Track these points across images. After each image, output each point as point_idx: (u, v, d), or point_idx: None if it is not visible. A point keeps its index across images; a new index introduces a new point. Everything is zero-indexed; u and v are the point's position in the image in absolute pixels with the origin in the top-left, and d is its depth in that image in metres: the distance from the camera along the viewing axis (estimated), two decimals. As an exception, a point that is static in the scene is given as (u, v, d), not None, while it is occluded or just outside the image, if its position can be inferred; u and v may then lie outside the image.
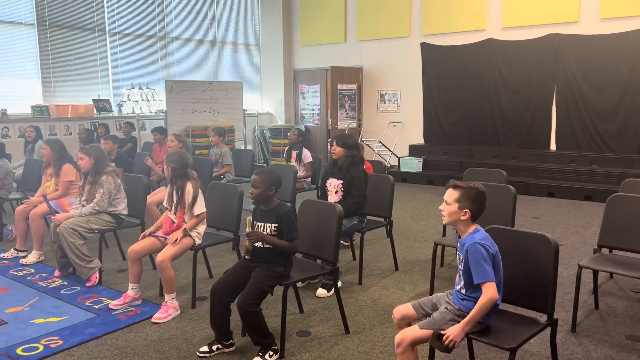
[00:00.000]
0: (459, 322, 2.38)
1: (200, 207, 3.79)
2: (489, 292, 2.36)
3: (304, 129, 11.49)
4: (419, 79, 10.37)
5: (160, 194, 5.55)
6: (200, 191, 3.80)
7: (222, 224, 4.24)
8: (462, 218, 2.47)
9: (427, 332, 2.38)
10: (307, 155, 6.43)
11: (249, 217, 3.16)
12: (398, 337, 2.43)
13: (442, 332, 2.36)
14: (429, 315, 2.60)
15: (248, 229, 3.10)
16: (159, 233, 3.84)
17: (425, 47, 10.19)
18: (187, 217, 3.79)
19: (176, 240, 3.67)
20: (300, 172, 6.34)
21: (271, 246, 3.12)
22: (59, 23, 8.93)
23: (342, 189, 4.27)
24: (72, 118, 8.82)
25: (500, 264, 2.45)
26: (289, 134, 6.74)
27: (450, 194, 2.51)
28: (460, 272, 2.52)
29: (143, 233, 3.84)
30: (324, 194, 4.45)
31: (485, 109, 9.58)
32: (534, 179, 8.44)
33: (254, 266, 3.14)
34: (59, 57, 8.98)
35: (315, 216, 3.50)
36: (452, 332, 2.34)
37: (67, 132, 8.78)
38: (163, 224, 3.87)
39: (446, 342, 2.31)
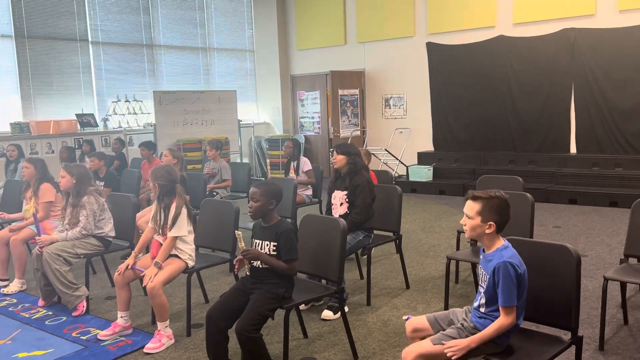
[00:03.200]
0: None
1: (177, 230, 3.72)
2: (511, 316, 2.38)
3: (303, 139, 11.53)
4: (425, 81, 10.41)
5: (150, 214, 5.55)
6: (184, 210, 3.76)
7: (217, 244, 4.24)
8: (487, 232, 2.46)
9: (438, 348, 2.38)
10: (305, 163, 6.48)
11: (238, 231, 3.16)
12: (404, 352, 2.44)
13: (444, 341, 2.37)
14: (444, 330, 2.60)
15: (241, 245, 3.10)
16: (142, 262, 3.81)
17: (431, 46, 10.24)
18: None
19: (151, 277, 3.57)
20: (301, 178, 6.36)
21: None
22: (38, 34, 9.02)
23: (347, 200, 4.28)
24: (55, 135, 8.87)
25: (526, 284, 2.45)
26: (283, 147, 6.78)
27: (471, 207, 2.49)
28: (482, 289, 2.51)
29: (120, 267, 3.77)
30: (330, 210, 4.46)
31: (498, 112, 9.60)
32: (553, 185, 8.42)
33: (252, 288, 3.14)
34: (39, 70, 9.06)
35: (318, 232, 3.50)
36: (456, 343, 2.34)
37: (50, 150, 8.82)
38: (151, 246, 3.87)
39: (446, 351, 2.31)
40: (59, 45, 9.28)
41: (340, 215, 4.19)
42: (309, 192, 6.46)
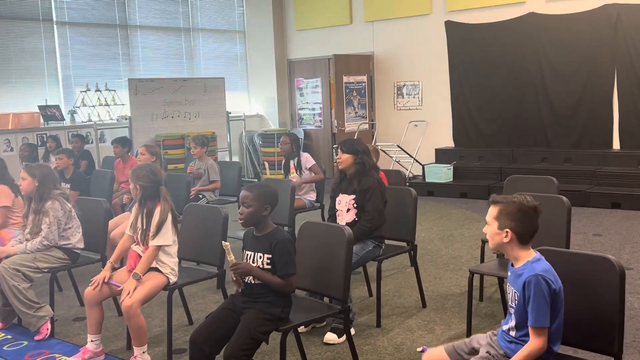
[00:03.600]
0: None
1: (162, 238, 3.73)
2: (542, 339, 2.38)
3: (302, 133, 11.53)
4: (444, 66, 10.40)
5: (126, 223, 5.55)
6: (170, 217, 3.78)
7: (202, 257, 4.24)
8: (504, 241, 2.51)
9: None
10: (307, 159, 6.47)
11: (225, 242, 3.17)
12: None
13: None
14: None
15: (230, 258, 3.10)
16: (118, 276, 3.81)
17: (451, 26, 10.24)
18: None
19: (129, 292, 3.57)
20: (309, 177, 6.35)
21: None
22: (-6, 13, 9.04)
23: (354, 205, 4.28)
24: (14, 130, 8.87)
25: (562, 303, 2.46)
26: (279, 143, 6.80)
27: (490, 212, 2.57)
28: (512, 309, 2.53)
29: (94, 279, 3.78)
30: (333, 216, 4.46)
31: (529, 102, 9.59)
32: (593, 186, 8.41)
33: (243, 308, 3.15)
34: (-5, 55, 9.07)
35: (319, 242, 3.51)
36: None
37: (8, 147, 8.83)
38: (128, 258, 3.87)
39: None
40: (18, 26, 9.28)
41: (347, 223, 4.18)
42: (312, 196, 6.43)
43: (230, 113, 11.14)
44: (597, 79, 9.00)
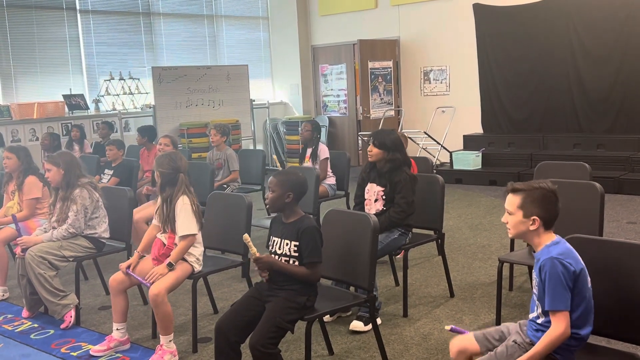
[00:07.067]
0: None
1: (186, 227, 3.75)
2: (561, 324, 2.36)
3: (327, 121, 11.52)
4: (473, 50, 10.30)
5: (149, 209, 5.62)
6: (190, 205, 3.78)
7: (227, 245, 4.26)
8: (531, 228, 2.50)
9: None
10: (323, 151, 6.49)
11: (246, 236, 3.20)
12: None
13: None
14: (494, 348, 2.59)
15: (253, 251, 3.12)
16: (142, 265, 3.85)
17: (479, 8, 10.12)
18: (177, 239, 3.82)
19: (159, 275, 3.64)
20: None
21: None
22: (17, 2, 9.14)
23: (383, 197, 4.27)
24: (39, 119, 9.01)
25: (587, 286, 2.43)
26: (300, 129, 6.82)
27: (511, 201, 2.55)
28: (535, 295, 2.53)
29: (122, 266, 3.84)
30: (360, 204, 4.45)
31: (560, 85, 9.46)
32: (627, 173, 8.29)
33: (269, 296, 3.16)
34: (20, 45, 9.19)
35: (344, 230, 3.51)
36: None
37: (34, 136, 8.97)
38: (152, 246, 3.91)
39: None
40: (42, 15, 9.39)
41: (375, 213, 4.17)
42: (332, 180, 6.46)
43: (254, 101, 11.18)
44: (631, 61, 8.83)
